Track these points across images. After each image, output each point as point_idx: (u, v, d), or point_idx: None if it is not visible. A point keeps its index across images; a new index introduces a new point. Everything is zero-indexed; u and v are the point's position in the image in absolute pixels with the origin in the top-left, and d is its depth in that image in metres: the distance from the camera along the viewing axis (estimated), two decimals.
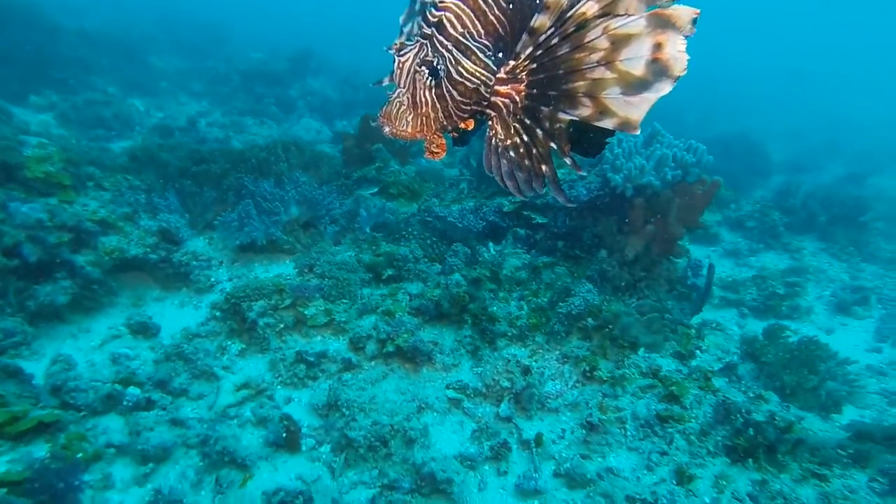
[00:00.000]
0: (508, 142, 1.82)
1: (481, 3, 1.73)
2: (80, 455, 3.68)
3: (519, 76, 1.73)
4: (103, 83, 12.55)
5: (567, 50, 1.55)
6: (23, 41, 11.19)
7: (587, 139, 1.74)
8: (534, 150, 1.78)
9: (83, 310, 5.44)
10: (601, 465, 4.05)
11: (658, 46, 1.39)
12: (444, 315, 5.33)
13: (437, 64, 1.70)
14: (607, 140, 1.78)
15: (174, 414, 4.30)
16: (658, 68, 1.41)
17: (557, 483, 3.98)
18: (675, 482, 3.85)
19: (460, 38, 1.72)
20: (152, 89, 13.71)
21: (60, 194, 5.93)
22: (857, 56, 38.48)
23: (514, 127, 1.80)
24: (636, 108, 1.49)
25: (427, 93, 1.72)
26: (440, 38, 1.71)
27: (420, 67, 1.71)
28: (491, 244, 6.45)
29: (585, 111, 1.58)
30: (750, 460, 4.06)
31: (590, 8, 1.46)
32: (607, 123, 1.55)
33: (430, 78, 1.71)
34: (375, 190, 7.48)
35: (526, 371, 4.69)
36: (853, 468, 4.14)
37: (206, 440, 4.10)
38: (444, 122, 1.79)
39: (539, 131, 1.75)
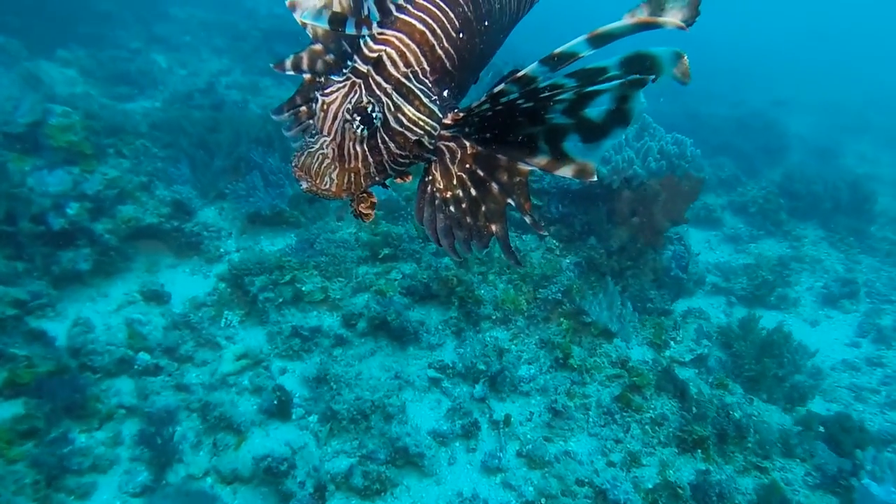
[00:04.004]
0: (449, 194, 1.57)
1: (429, 35, 1.50)
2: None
3: (470, 122, 1.52)
4: (127, 38, 12.83)
5: (531, 105, 1.42)
6: None
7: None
8: (482, 207, 1.56)
9: (102, 274, 5.88)
10: (561, 449, 4.45)
11: (622, 99, 1.33)
12: (433, 295, 5.69)
13: (373, 111, 1.44)
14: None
15: (179, 380, 4.77)
16: (618, 117, 1.36)
17: (519, 462, 4.39)
18: (624, 469, 4.24)
19: (402, 79, 1.47)
20: (175, 44, 13.92)
21: (82, 163, 6.31)
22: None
23: (460, 177, 1.57)
24: (592, 154, 1.43)
25: (357, 145, 1.45)
26: (378, 79, 1.46)
27: (352, 115, 1.43)
28: None
29: (543, 160, 1.47)
30: (699, 451, 4.42)
31: (567, 89, 1.35)
32: (565, 172, 1.45)
33: (362, 128, 1.43)
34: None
35: (502, 354, 5.05)
36: (793, 461, 4.47)
37: (207, 405, 4.57)
38: (377, 178, 1.53)
39: (494, 185, 1.54)
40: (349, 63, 1.51)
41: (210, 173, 7.01)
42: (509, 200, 1.54)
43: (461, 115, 1.53)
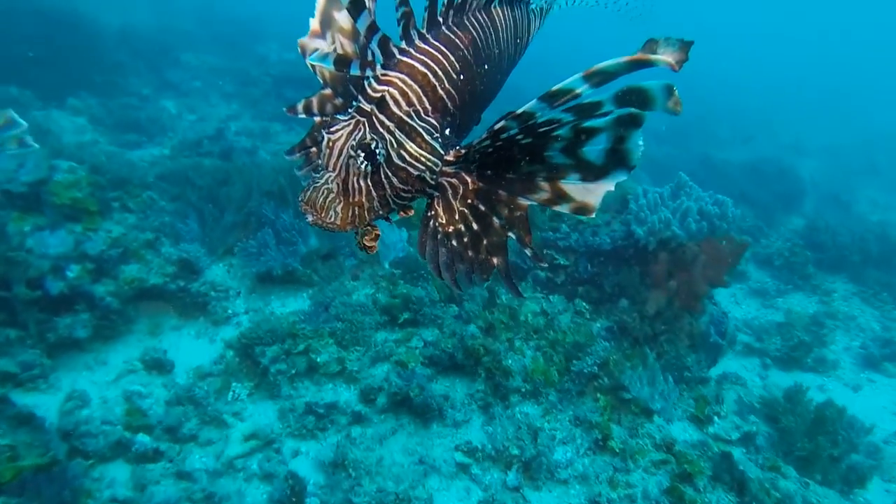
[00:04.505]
0: (451, 228, 1.59)
1: (431, 77, 1.56)
2: None
3: (471, 158, 1.57)
4: (138, 84, 12.70)
5: (530, 140, 1.45)
6: (66, 44, 11.36)
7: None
8: (484, 241, 1.59)
9: (101, 338, 5.50)
10: None
11: (620, 139, 1.35)
12: (457, 366, 5.28)
13: (376, 148, 1.48)
14: None
15: (181, 466, 4.32)
16: (617, 158, 1.38)
17: None
18: None
19: (405, 117, 1.53)
20: (186, 89, 13.81)
21: (86, 220, 5.97)
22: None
23: (462, 212, 1.59)
24: (593, 195, 1.45)
25: (361, 180, 1.49)
26: (381, 117, 1.51)
27: (356, 152, 1.47)
28: None
29: (544, 195, 1.50)
30: None
31: (564, 123, 1.37)
32: (564, 208, 1.48)
33: (366, 164, 1.47)
34: (397, 218, 7.42)
35: (536, 435, 4.61)
36: None
37: (211, 497, 4.12)
38: (380, 212, 1.56)
39: (495, 219, 1.57)
40: (354, 103, 1.55)
41: (220, 229, 6.67)
42: (510, 234, 1.57)
43: (462, 151, 1.56)
